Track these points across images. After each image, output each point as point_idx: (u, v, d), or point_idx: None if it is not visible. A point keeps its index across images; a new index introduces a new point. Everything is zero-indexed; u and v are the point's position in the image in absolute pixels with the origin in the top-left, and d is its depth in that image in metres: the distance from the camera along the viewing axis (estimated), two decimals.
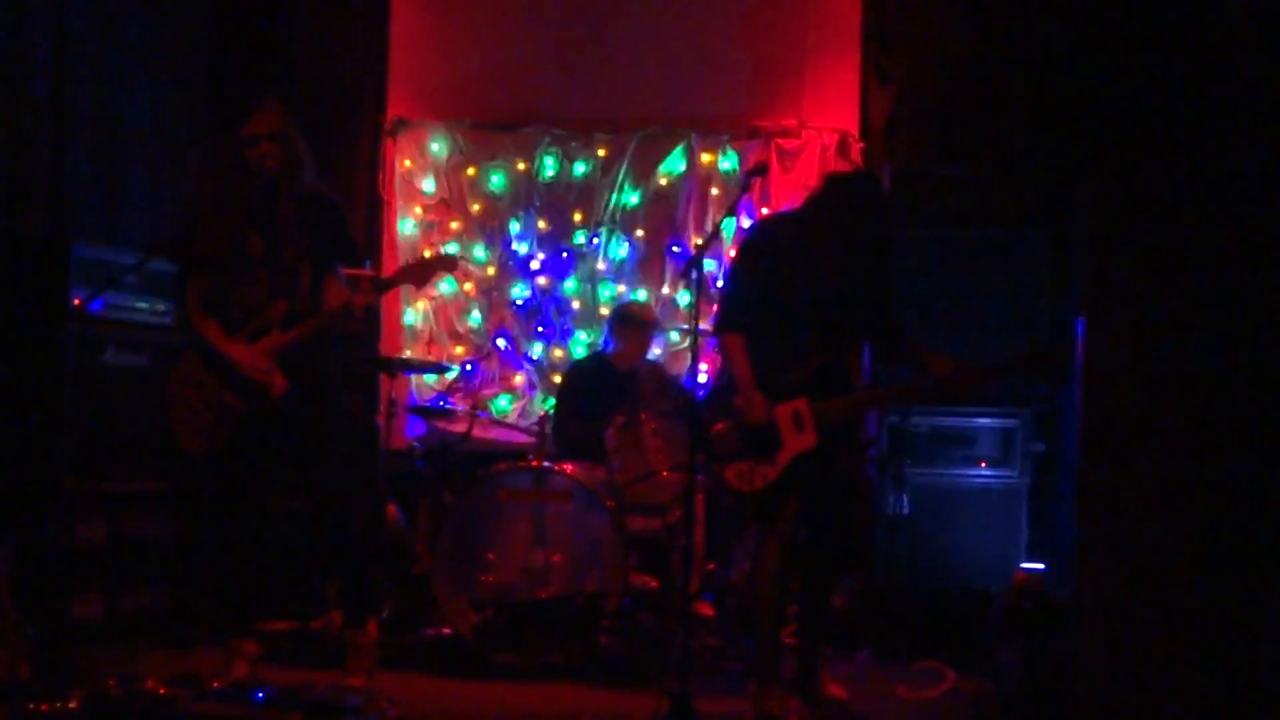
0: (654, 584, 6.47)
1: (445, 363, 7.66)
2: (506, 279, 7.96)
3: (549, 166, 7.95)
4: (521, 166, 7.96)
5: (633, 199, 7.92)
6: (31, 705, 4.57)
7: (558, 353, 7.89)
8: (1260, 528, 4.21)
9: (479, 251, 7.96)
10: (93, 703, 4.67)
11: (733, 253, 7.69)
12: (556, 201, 7.97)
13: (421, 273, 5.59)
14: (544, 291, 7.93)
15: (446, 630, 6.14)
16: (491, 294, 7.95)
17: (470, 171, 7.97)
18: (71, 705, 4.62)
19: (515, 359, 7.90)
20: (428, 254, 7.43)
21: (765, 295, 5.12)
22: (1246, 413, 4.23)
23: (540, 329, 7.91)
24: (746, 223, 7.74)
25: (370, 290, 5.46)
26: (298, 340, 5.33)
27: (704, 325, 5.61)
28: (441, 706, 5.24)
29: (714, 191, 7.88)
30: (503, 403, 7.89)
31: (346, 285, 5.41)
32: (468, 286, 7.93)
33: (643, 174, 7.92)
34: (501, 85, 8.02)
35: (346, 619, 5.53)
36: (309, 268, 5.37)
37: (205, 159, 5.45)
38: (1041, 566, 6.02)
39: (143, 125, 7.17)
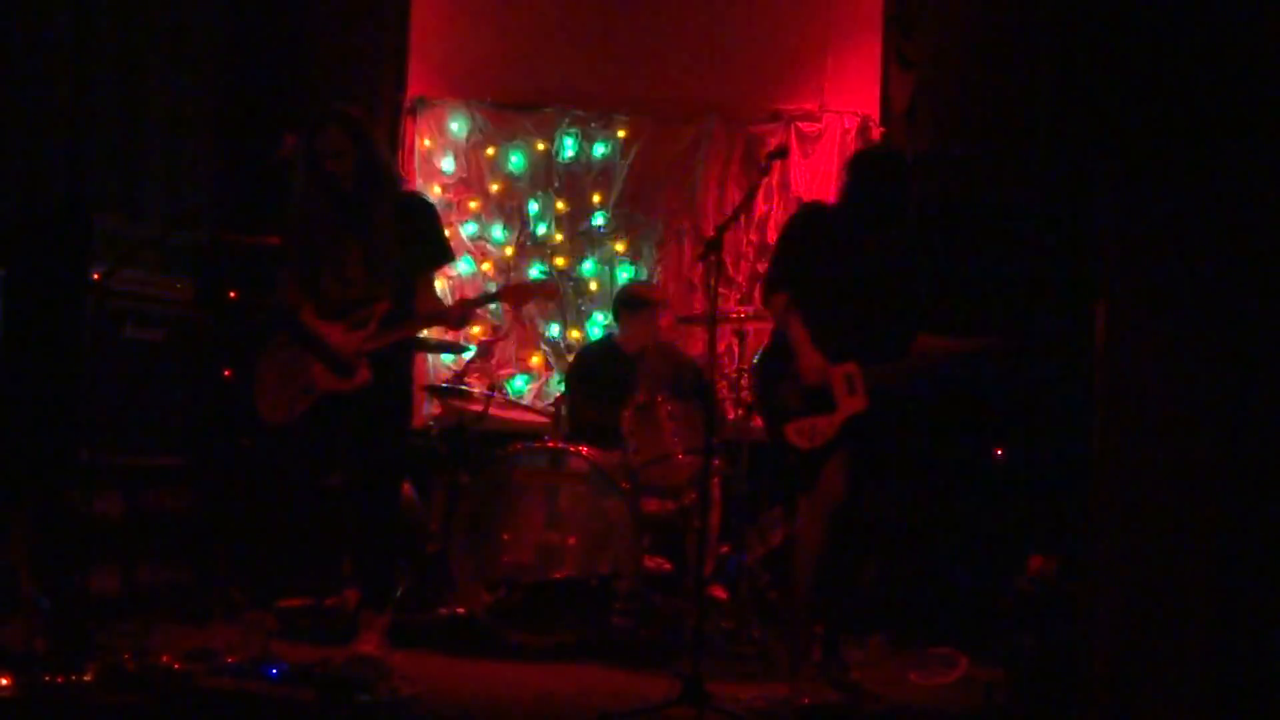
0: (668, 566, 6.48)
1: (462, 342, 7.66)
2: (524, 259, 7.95)
3: (568, 147, 7.94)
4: (541, 147, 7.95)
5: (652, 181, 7.90)
6: (47, 678, 4.59)
7: (575, 334, 7.89)
8: (1275, 517, 4.20)
9: (497, 231, 7.96)
10: (107, 676, 4.68)
11: (755, 237, 7.72)
12: (575, 182, 7.97)
13: (519, 295, 5.68)
14: (562, 272, 7.93)
15: (460, 609, 6.15)
16: (509, 274, 7.94)
17: (490, 151, 7.97)
18: (86, 678, 4.63)
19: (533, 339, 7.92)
20: (531, 279, 7.46)
21: (807, 276, 5.27)
22: (1265, 402, 4.21)
23: (558, 310, 7.91)
24: (765, 207, 7.74)
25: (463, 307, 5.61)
26: (390, 341, 5.42)
27: (722, 307, 5.63)
28: (454, 685, 5.25)
29: (733, 174, 7.86)
30: (519, 383, 7.89)
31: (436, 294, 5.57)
32: (485, 266, 7.94)
33: (662, 155, 7.90)
34: (522, 65, 8.01)
35: (367, 600, 5.55)
36: (398, 272, 5.42)
37: (302, 171, 5.47)
38: (1056, 554, 6.00)
39: (163, 99, 7.16)
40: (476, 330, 7.90)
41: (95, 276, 5.59)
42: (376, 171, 5.44)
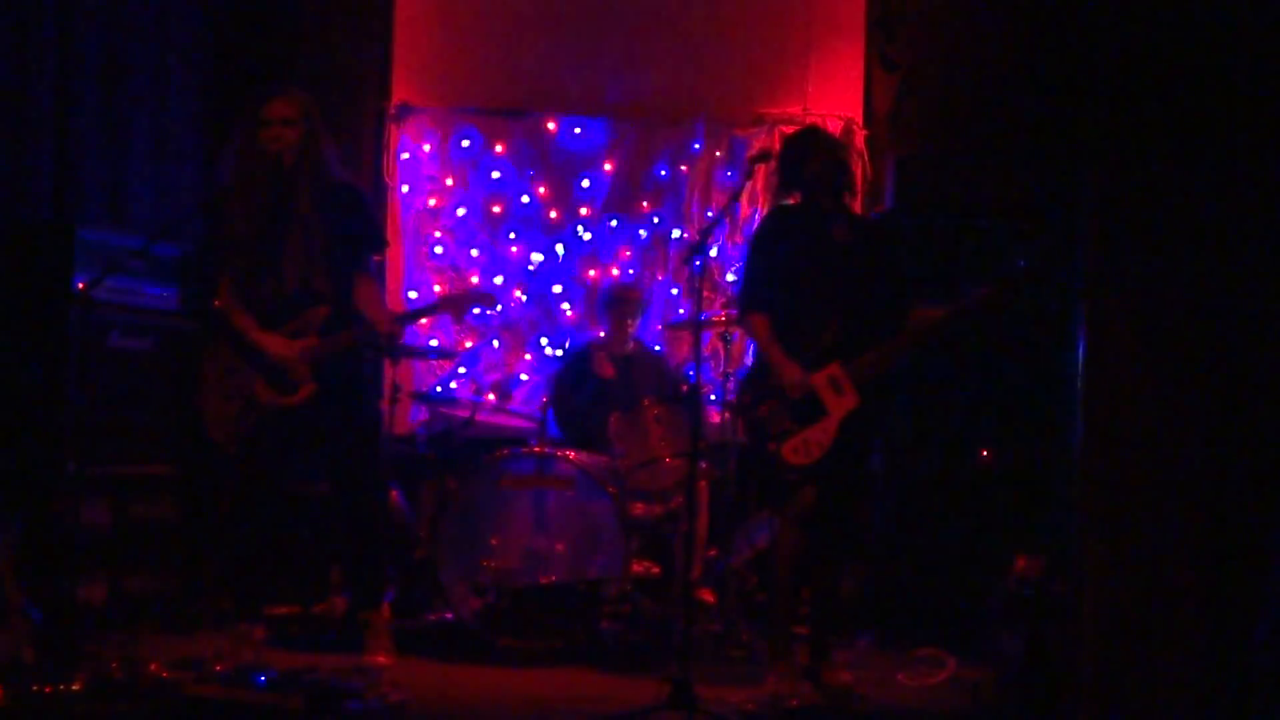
0: (656, 570, 6.48)
1: (449, 348, 7.66)
2: (510, 264, 7.95)
3: (553, 152, 7.94)
4: (525, 152, 7.95)
5: (637, 185, 7.91)
6: (35, 687, 4.58)
7: (561, 338, 7.89)
8: (1259, 517, 4.22)
9: (482, 236, 7.95)
10: (95, 685, 4.68)
11: (739, 240, 7.73)
12: (560, 187, 7.96)
13: (459, 306, 5.65)
14: (547, 277, 7.92)
15: (449, 615, 6.16)
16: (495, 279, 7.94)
17: (474, 157, 7.96)
18: (74, 687, 4.62)
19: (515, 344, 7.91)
20: (469, 288, 7.42)
21: (780, 275, 5.24)
22: (1248, 403, 4.24)
23: (544, 315, 7.90)
24: (749, 210, 7.75)
25: (398, 322, 5.56)
26: (332, 349, 5.40)
27: (706, 313, 5.64)
28: (444, 690, 5.26)
29: (717, 178, 7.87)
30: (506, 388, 7.88)
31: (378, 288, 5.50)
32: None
33: (647, 160, 7.91)
34: (506, 70, 8.01)
35: (360, 601, 5.56)
36: (333, 261, 5.40)
37: (238, 147, 5.47)
38: (1042, 554, 6.02)
39: (148, 108, 7.16)
40: (468, 345, 7.90)
41: (80, 286, 5.58)
42: (316, 154, 5.43)
